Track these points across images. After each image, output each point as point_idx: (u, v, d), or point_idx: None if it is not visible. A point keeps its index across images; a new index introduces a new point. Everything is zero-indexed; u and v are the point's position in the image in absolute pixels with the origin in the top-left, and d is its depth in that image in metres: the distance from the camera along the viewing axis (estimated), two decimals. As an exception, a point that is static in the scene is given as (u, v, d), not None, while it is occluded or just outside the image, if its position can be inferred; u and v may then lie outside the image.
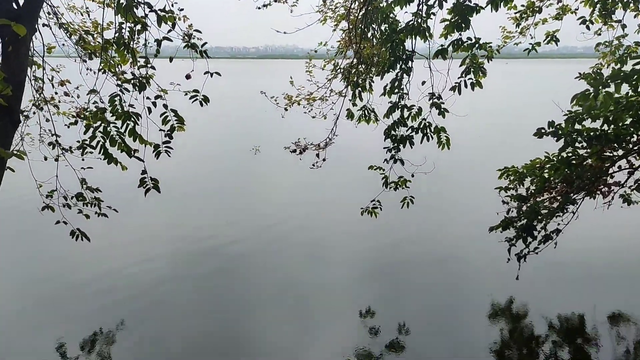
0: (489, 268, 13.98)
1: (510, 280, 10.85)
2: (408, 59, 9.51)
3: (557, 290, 13.07)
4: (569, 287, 13.25)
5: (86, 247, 14.77)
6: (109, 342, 10.71)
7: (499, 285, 12.97)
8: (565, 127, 8.31)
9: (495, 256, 11.15)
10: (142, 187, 7.67)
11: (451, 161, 25.15)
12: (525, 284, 11.37)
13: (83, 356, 10.23)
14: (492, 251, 11.86)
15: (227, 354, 10.42)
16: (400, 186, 10.08)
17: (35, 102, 8.83)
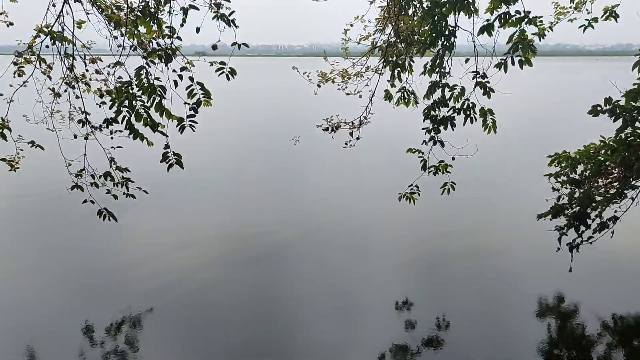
0: (536, 259, 13.19)
1: (560, 272, 10.15)
2: (451, 35, 8.94)
3: (613, 286, 12.15)
4: (626, 283, 12.27)
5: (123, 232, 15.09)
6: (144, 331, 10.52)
7: (548, 277, 12.18)
8: (626, 104, 7.55)
9: (544, 246, 10.42)
10: (164, 162, 7.41)
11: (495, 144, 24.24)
12: (576, 277, 10.62)
13: (122, 344, 10.08)
14: (540, 241, 11.14)
15: (266, 346, 10.05)
16: (440, 171, 9.53)
17: (65, 79, 8.70)
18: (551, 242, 9.24)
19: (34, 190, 19.50)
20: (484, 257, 13.77)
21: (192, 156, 24.03)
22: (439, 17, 8.77)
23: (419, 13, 9.73)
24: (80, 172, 9.02)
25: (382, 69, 9.69)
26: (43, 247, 14.62)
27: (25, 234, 15.71)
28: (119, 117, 7.51)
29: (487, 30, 8.53)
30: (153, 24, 7.11)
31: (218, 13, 6.79)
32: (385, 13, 9.78)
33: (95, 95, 8.96)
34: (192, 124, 7.27)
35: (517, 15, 8.49)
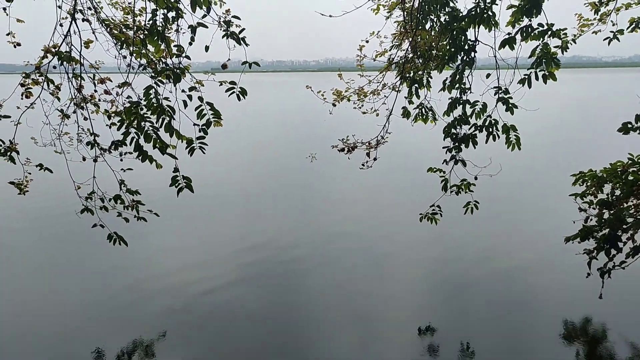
0: (564, 283, 12.57)
1: (588, 298, 9.61)
2: (470, 49, 8.60)
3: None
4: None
5: (137, 251, 14.89)
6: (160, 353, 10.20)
7: (576, 303, 11.57)
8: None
9: (572, 270, 9.91)
10: (174, 186, 7.13)
11: (519, 162, 23.78)
12: (607, 304, 10.04)
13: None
14: (568, 264, 10.61)
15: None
16: (462, 190, 9.12)
17: (74, 99, 8.50)
18: (580, 266, 8.76)
19: (44, 213, 19.38)
20: (508, 280, 13.18)
21: (205, 173, 24.13)
22: (458, 32, 8.44)
23: (436, 27, 9.41)
24: (89, 195, 8.78)
25: (399, 86, 9.36)
26: (53, 270, 14.42)
27: (35, 257, 15.53)
28: (127, 138, 7.28)
29: (509, 44, 8.19)
30: (161, 43, 6.86)
31: (228, 31, 6.54)
32: (401, 28, 9.46)
33: (104, 116, 8.76)
34: (202, 146, 6.99)
35: (539, 28, 8.15)
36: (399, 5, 9.18)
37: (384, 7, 9.30)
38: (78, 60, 8.11)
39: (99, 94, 8.78)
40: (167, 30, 6.81)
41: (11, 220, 18.78)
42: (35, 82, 8.04)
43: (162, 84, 7.03)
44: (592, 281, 8.90)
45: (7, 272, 14.27)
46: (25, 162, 8.53)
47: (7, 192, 9.98)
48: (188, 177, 7.30)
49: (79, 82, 8.42)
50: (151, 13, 6.75)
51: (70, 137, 8.87)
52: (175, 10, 6.56)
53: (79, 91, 8.57)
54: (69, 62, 8.07)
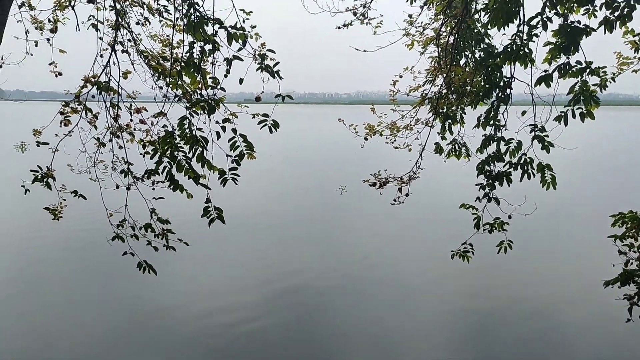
0: (602, 331, 12.05)
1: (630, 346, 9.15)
2: (506, 86, 8.49)
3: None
4: None
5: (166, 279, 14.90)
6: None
7: (614, 350, 11.07)
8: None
9: (611, 315, 9.51)
10: (205, 217, 7.12)
11: (556, 202, 23.22)
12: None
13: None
14: (605, 309, 10.18)
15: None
16: (496, 228, 8.88)
17: (110, 128, 8.66)
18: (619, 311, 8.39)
19: (76, 239, 19.69)
20: (540, 323, 12.72)
21: (235, 202, 24.19)
22: (493, 68, 8.36)
23: (471, 63, 9.36)
24: (121, 223, 8.85)
25: (432, 122, 9.28)
26: (83, 296, 14.54)
27: (66, 281, 15.72)
28: (160, 167, 7.33)
29: (545, 82, 8.05)
30: (197, 75, 6.95)
31: (262, 64, 6.59)
32: (435, 64, 9.44)
33: (139, 145, 8.88)
34: (234, 177, 6.99)
35: (577, 65, 8.01)
36: (434, 41, 9.18)
37: (419, 43, 9.32)
38: (116, 90, 8.30)
39: (134, 123, 8.94)
40: (203, 63, 6.90)
41: (44, 245, 19.11)
42: (74, 111, 8.23)
43: (196, 115, 7.09)
44: (632, 328, 8.51)
45: (39, 295, 14.45)
46: (61, 188, 8.67)
47: (42, 217, 10.16)
48: (220, 208, 7.29)
49: (116, 111, 8.59)
50: (188, 46, 6.87)
51: (105, 165, 9.01)
52: (212, 43, 6.65)
53: (116, 120, 8.74)
54: (107, 92, 8.26)
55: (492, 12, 7.91)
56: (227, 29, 6.40)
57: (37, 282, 15.51)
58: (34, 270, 16.57)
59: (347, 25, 8.88)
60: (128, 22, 8.47)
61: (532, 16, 7.70)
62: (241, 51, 6.51)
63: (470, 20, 8.64)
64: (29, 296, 14.45)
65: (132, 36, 8.61)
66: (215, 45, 6.66)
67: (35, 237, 19.91)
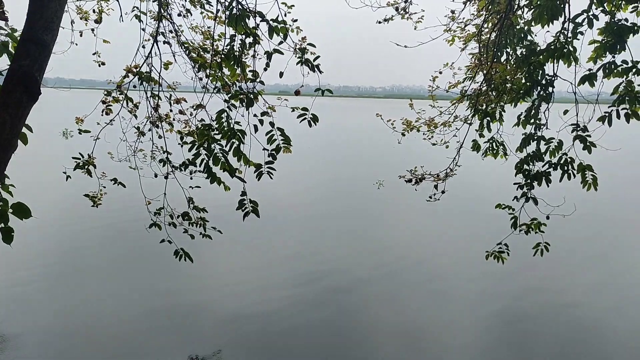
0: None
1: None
2: (548, 84, 8.31)
3: None
4: None
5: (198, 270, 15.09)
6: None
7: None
8: None
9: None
10: (240, 210, 7.21)
11: (596, 203, 22.67)
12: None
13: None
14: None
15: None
16: (533, 229, 8.73)
17: (150, 118, 8.82)
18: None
19: (115, 226, 20.11)
20: (576, 329, 12.40)
21: (270, 194, 24.36)
22: (535, 66, 8.20)
23: (512, 61, 9.20)
24: (159, 211, 9.02)
25: (471, 119, 9.17)
26: (119, 282, 14.85)
27: (103, 267, 16.07)
28: (197, 159, 7.46)
29: (589, 81, 7.86)
30: (237, 67, 7.02)
31: (302, 58, 6.61)
32: (476, 60, 9.30)
33: (177, 135, 9.02)
34: (270, 171, 7.05)
35: (623, 65, 7.79)
36: (475, 38, 9.05)
37: (460, 39, 9.20)
38: (157, 81, 8.45)
39: (173, 114, 9.08)
40: (244, 55, 6.96)
41: (83, 231, 19.59)
42: (115, 100, 8.41)
43: (234, 108, 7.17)
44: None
45: (76, 280, 14.86)
46: (101, 176, 8.89)
47: (82, 204, 10.43)
48: (255, 201, 7.36)
49: (156, 101, 8.75)
50: (229, 38, 6.94)
51: (144, 154, 9.18)
52: (253, 36, 6.71)
53: (156, 110, 8.90)
54: (148, 82, 8.42)
55: (537, 8, 7.76)
56: (268, 22, 6.43)
57: (75, 267, 15.91)
58: (73, 255, 17.00)
59: (388, 20, 8.83)
60: (170, 14, 8.59)
61: (578, 13, 7.53)
62: (282, 45, 6.54)
63: (514, 16, 8.48)
64: (67, 280, 14.84)
65: (173, 27, 8.72)
66: (256, 38, 6.72)
67: (74, 222, 20.44)
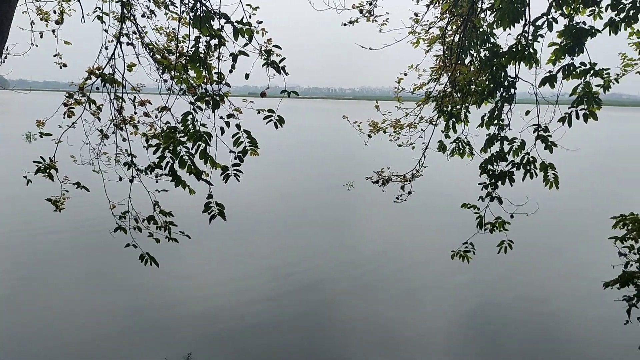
0: (601, 330, 12.10)
1: (629, 347, 9.18)
2: (510, 86, 8.49)
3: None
4: None
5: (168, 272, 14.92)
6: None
7: (614, 351, 11.10)
8: None
9: (611, 317, 9.53)
10: (206, 213, 7.14)
11: (558, 202, 23.23)
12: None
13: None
14: (606, 310, 10.20)
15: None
16: (497, 228, 8.90)
17: (114, 120, 8.67)
18: (619, 312, 8.42)
19: (78, 231, 19.71)
20: (542, 323, 12.75)
21: (238, 197, 24.19)
22: (497, 67, 8.36)
23: (476, 63, 9.36)
24: (124, 215, 8.88)
25: (436, 120, 9.29)
26: (85, 288, 14.57)
27: (68, 273, 15.73)
28: (163, 162, 7.36)
29: (550, 82, 8.06)
30: (202, 69, 6.96)
31: (268, 60, 6.58)
32: (441, 62, 9.43)
33: (142, 137, 8.88)
34: (237, 173, 7.00)
35: (581, 67, 8.01)
36: (439, 40, 9.17)
37: (424, 41, 9.31)
38: (120, 83, 8.30)
39: (138, 116, 8.94)
40: (209, 57, 6.90)
41: (46, 237, 19.13)
42: (77, 102, 8.23)
43: (200, 110, 7.11)
44: (631, 329, 8.53)
45: (40, 286, 14.50)
46: (63, 180, 8.69)
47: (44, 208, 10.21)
48: (221, 204, 7.31)
49: (120, 103, 8.60)
50: (194, 40, 6.87)
51: (108, 157, 9.02)
52: (218, 38, 6.65)
53: (120, 112, 8.74)
54: (112, 84, 8.26)
55: (498, 11, 7.91)
56: (233, 24, 6.39)
57: (38, 273, 15.55)
58: (35, 261, 16.61)
59: (353, 22, 8.88)
60: (134, 15, 8.46)
61: (538, 17, 7.71)
62: (247, 46, 6.51)
63: (476, 19, 8.63)
64: (29, 287, 14.50)
65: (137, 29, 8.60)
66: (221, 40, 6.66)
67: (37, 227, 19.96)
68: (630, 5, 7.93)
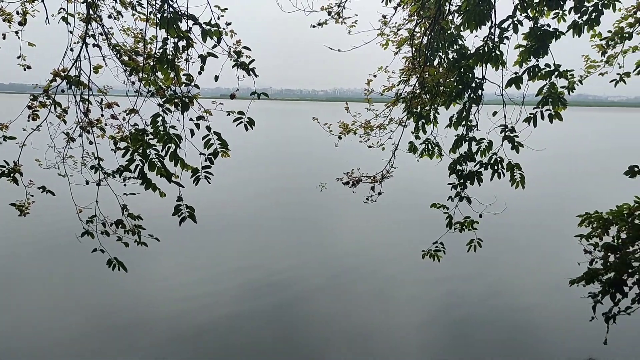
0: (568, 327, 12.35)
1: (594, 343, 9.38)
2: (478, 87, 8.62)
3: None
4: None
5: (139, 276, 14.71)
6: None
7: (580, 348, 11.34)
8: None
9: (577, 313, 9.74)
10: (176, 216, 7.06)
11: (525, 201, 23.68)
12: (613, 349, 9.82)
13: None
14: (572, 307, 10.42)
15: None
16: (466, 227, 9.03)
17: (80, 123, 8.51)
18: (585, 309, 8.60)
19: (44, 236, 19.28)
20: (511, 321, 12.96)
21: (210, 200, 23.99)
22: (465, 69, 8.49)
23: (444, 64, 9.47)
24: (91, 219, 8.72)
25: (406, 121, 9.38)
26: (52, 292, 14.26)
27: (34, 279, 15.38)
28: (132, 165, 7.25)
29: (516, 83, 8.22)
30: (171, 71, 6.88)
31: (238, 62, 6.55)
32: (409, 64, 9.52)
33: (110, 140, 8.74)
34: (207, 175, 6.95)
35: (546, 68, 8.19)
36: (408, 42, 9.26)
37: (393, 43, 9.38)
38: (86, 85, 8.15)
39: (105, 119, 8.80)
40: (177, 59, 6.83)
41: (11, 242, 18.68)
42: (42, 105, 8.05)
43: (169, 112, 7.03)
44: (597, 325, 8.71)
45: (5, 292, 14.14)
46: (28, 184, 8.50)
47: (8, 213, 9.97)
48: (191, 206, 7.24)
49: (86, 106, 8.44)
50: (162, 41, 6.79)
51: (74, 161, 8.86)
52: (186, 39, 6.59)
53: (86, 115, 8.58)
54: (78, 86, 8.11)
55: (465, 14, 8.02)
56: (201, 26, 6.34)
57: (1, 277, 15.17)
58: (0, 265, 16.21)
59: (322, 24, 8.91)
60: (100, 16, 8.32)
61: (504, 19, 7.84)
62: (216, 48, 6.46)
63: (444, 21, 8.74)
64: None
65: (103, 30, 8.46)
66: (190, 41, 6.60)
67: (0, 232, 19.48)
68: (593, 8, 8.15)
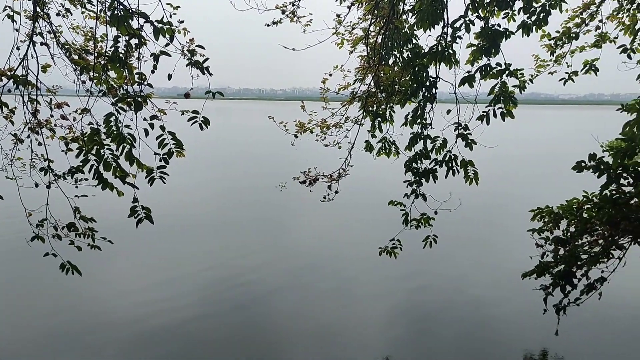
0: (522, 320, 12.65)
1: (547, 334, 9.69)
2: (432, 86, 8.77)
3: (603, 349, 11.56)
4: (617, 346, 11.68)
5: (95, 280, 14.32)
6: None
7: (534, 339, 11.65)
8: (614, 163, 7.33)
9: (530, 306, 10.02)
10: (132, 217, 6.93)
11: (479, 198, 24.22)
12: (564, 340, 10.14)
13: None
14: (526, 300, 10.71)
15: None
16: (422, 224, 9.19)
17: (28, 124, 8.23)
18: (537, 301, 8.87)
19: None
20: (467, 315, 13.20)
21: (168, 202, 23.63)
22: (419, 68, 8.61)
23: (399, 63, 9.59)
24: (41, 222, 8.45)
25: (362, 120, 9.46)
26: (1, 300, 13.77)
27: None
28: (86, 166, 7.08)
29: (468, 82, 8.39)
30: (123, 70, 6.74)
31: (192, 60, 6.47)
32: (365, 62, 9.60)
33: (60, 141, 8.49)
34: (162, 176, 6.84)
35: (497, 67, 8.40)
36: (363, 41, 9.33)
37: (348, 42, 9.44)
38: (34, 84, 7.90)
39: (55, 119, 8.54)
40: (129, 57, 6.69)
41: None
42: (-13, 106, 7.76)
43: (123, 112, 6.88)
44: (550, 317, 9.00)
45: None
46: (-26, 187, 8.19)
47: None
48: (148, 207, 7.11)
49: (34, 106, 8.18)
50: (113, 39, 6.64)
51: (23, 163, 8.57)
52: (138, 37, 6.46)
53: (34, 115, 8.31)
54: (25, 86, 7.84)
55: (419, 13, 8.15)
56: (153, 24, 6.23)
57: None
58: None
59: (276, 22, 8.88)
60: (47, 13, 8.07)
61: (456, 19, 8.00)
62: (170, 46, 6.36)
63: (398, 21, 8.85)
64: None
65: (52, 28, 8.21)
66: (142, 40, 6.48)
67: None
68: (541, 8, 8.40)
